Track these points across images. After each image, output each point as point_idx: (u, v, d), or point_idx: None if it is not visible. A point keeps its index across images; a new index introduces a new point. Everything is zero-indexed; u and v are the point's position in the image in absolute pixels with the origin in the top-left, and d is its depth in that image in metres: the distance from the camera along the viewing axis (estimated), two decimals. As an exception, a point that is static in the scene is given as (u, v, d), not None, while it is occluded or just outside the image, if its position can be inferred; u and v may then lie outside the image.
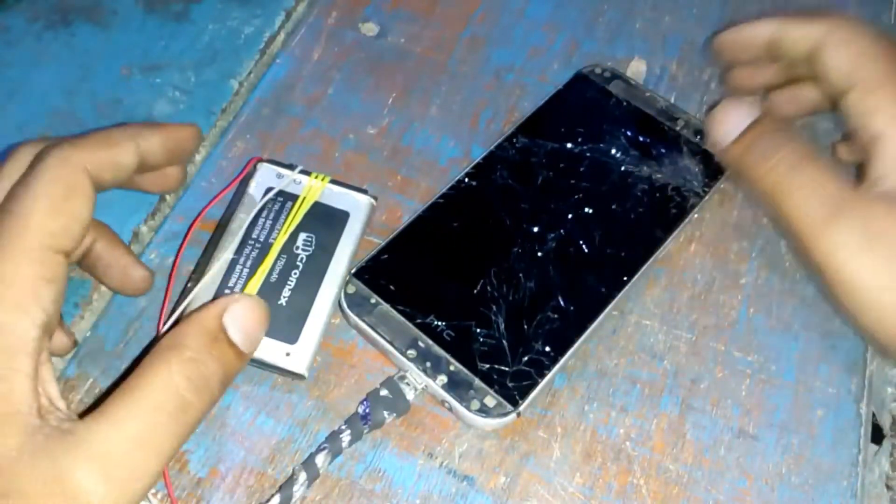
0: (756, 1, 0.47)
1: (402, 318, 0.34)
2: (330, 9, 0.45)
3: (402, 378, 0.32)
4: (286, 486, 0.30)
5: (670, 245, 0.37)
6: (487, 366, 0.32)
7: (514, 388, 0.32)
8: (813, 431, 0.33)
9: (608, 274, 0.35)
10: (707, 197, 0.38)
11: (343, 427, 0.32)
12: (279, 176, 0.36)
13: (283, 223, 0.35)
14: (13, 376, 0.25)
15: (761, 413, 0.34)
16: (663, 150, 0.39)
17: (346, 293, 0.34)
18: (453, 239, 0.36)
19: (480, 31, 0.45)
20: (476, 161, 0.38)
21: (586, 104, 0.41)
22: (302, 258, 0.34)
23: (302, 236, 0.35)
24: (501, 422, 0.31)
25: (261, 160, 0.36)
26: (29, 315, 0.26)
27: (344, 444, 0.31)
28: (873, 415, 0.35)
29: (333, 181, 0.36)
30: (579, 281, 0.35)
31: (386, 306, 0.34)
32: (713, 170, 0.38)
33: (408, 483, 0.32)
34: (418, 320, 0.34)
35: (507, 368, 0.32)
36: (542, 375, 0.32)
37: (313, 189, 0.36)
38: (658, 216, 0.37)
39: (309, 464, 0.31)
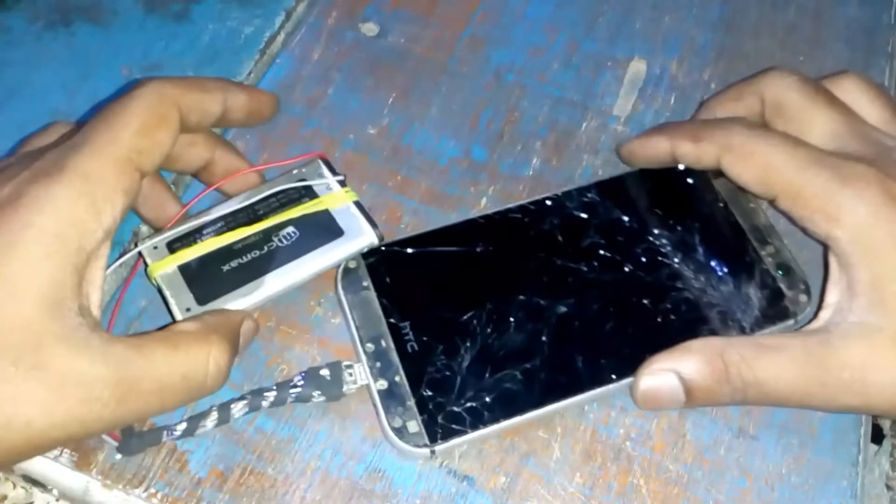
0: (756, 1, 0.47)
1: (379, 312, 0.34)
2: (330, 9, 0.45)
3: (349, 367, 0.32)
4: (195, 418, 0.31)
5: None
6: (430, 393, 0.32)
7: (441, 427, 0.31)
8: (813, 431, 0.33)
9: (598, 366, 0.33)
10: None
11: (272, 387, 0.32)
12: (320, 175, 0.36)
13: (285, 210, 0.35)
14: (68, 271, 0.27)
15: (761, 413, 0.34)
16: (733, 269, 0.35)
17: (346, 266, 0.34)
18: (469, 261, 0.35)
19: (480, 31, 0.45)
20: (537, 198, 0.37)
21: (681, 188, 0.37)
22: (273, 245, 0.34)
23: (289, 229, 0.35)
24: (412, 451, 0.31)
25: (322, 157, 0.37)
26: (100, 215, 0.28)
27: (265, 404, 0.32)
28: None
29: (358, 203, 0.36)
30: (565, 359, 0.33)
31: (372, 294, 0.34)
32: (773, 314, 0.34)
33: (408, 483, 0.32)
34: (392, 320, 0.33)
35: (445, 404, 0.31)
36: (475, 428, 0.31)
37: (334, 199, 0.36)
38: (684, 333, 0.32)
39: (224, 407, 0.31)
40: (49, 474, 0.31)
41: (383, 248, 0.35)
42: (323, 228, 0.35)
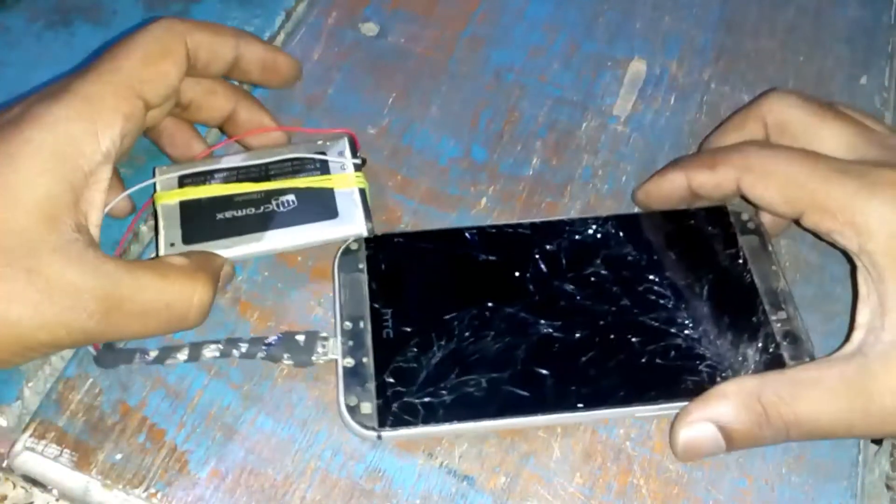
0: (756, 1, 0.47)
1: (365, 293, 0.34)
2: (330, 9, 0.45)
3: (324, 339, 0.33)
4: (168, 349, 0.32)
5: (650, 413, 0.33)
6: (392, 380, 0.32)
7: (394, 414, 0.31)
8: (813, 431, 0.33)
9: (567, 391, 0.32)
10: None
11: (245, 339, 0.33)
12: (341, 153, 0.37)
13: (293, 178, 0.36)
14: (64, 188, 0.28)
15: (761, 413, 0.34)
16: (736, 327, 0.34)
17: (347, 247, 0.35)
18: (467, 266, 0.35)
19: (480, 31, 0.45)
20: (554, 219, 0.37)
21: (702, 236, 0.36)
22: (269, 208, 0.35)
23: (290, 196, 0.36)
24: (360, 431, 0.31)
25: (351, 135, 0.38)
26: (97, 137, 0.29)
27: (235, 353, 0.32)
28: (873, 415, 0.35)
29: (362, 192, 0.36)
30: (535, 378, 0.32)
31: (364, 276, 0.34)
32: None
33: (408, 483, 0.32)
34: (376, 305, 0.34)
35: (404, 394, 0.32)
36: (426, 423, 0.31)
37: (343, 180, 0.36)
38: (665, 380, 0.32)
39: (196, 346, 0.32)
40: (49, 474, 0.31)
41: (386, 236, 0.36)
42: (320, 205, 0.35)
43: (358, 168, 0.37)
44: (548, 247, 0.36)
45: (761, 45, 0.45)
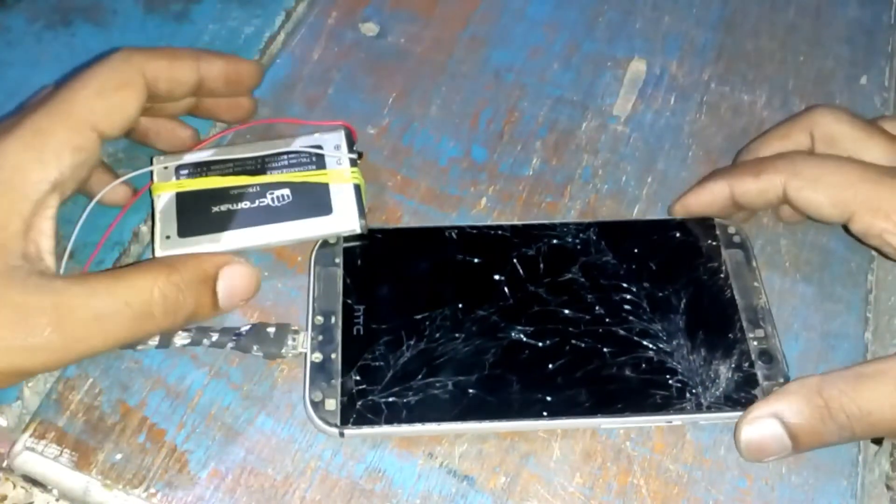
0: (756, 1, 0.47)
1: (339, 289, 0.34)
2: (330, 9, 0.45)
3: (295, 332, 0.33)
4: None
5: (615, 425, 0.32)
6: (359, 377, 0.32)
7: (356, 413, 0.31)
8: (813, 431, 0.33)
9: (532, 399, 0.32)
10: (706, 417, 0.32)
11: (216, 329, 0.33)
12: (337, 147, 0.37)
13: (289, 172, 0.36)
14: (10, 216, 0.28)
15: (761, 413, 0.34)
16: (711, 343, 0.33)
17: (325, 241, 0.35)
18: (443, 266, 0.35)
19: (480, 31, 0.45)
20: (532, 222, 0.37)
21: (685, 247, 0.36)
22: (264, 202, 0.35)
23: (285, 191, 0.36)
24: (323, 427, 0.31)
25: (348, 127, 0.38)
26: (45, 168, 0.29)
27: (206, 341, 0.33)
28: (873, 415, 0.35)
29: (357, 188, 0.36)
30: (503, 383, 0.32)
31: (339, 271, 0.35)
32: (739, 399, 0.32)
33: (408, 483, 0.32)
34: (349, 301, 0.34)
35: (369, 393, 0.32)
36: (389, 423, 0.31)
37: (338, 175, 0.36)
38: (634, 392, 0.32)
39: (166, 336, 0.32)
40: (49, 474, 0.31)
41: (365, 233, 0.35)
42: (315, 201, 0.35)
43: (354, 163, 0.37)
44: (527, 251, 0.36)
45: (761, 45, 0.45)
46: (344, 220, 0.35)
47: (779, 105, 0.42)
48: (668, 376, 0.33)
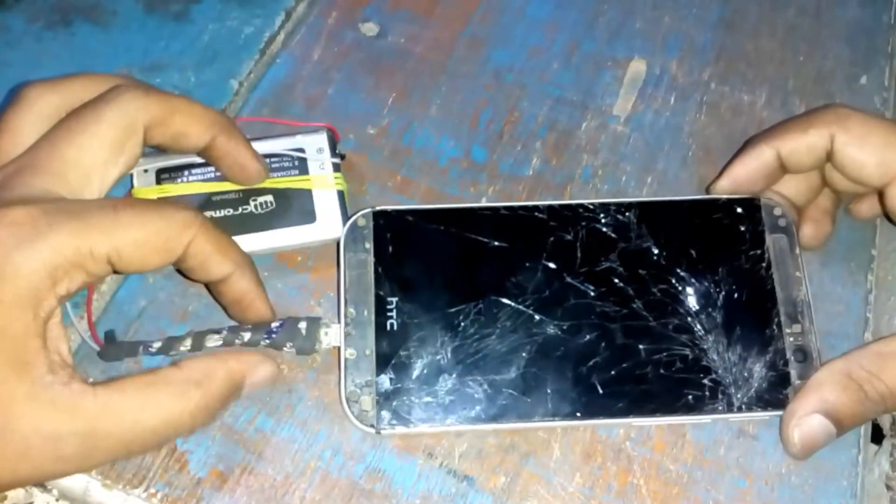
0: (756, 1, 0.47)
1: (371, 279, 0.33)
2: (330, 9, 0.45)
3: (326, 326, 0.32)
4: (171, 340, 0.31)
5: (647, 423, 0.32)
6: (393, 376, 0.31)
7: (393, 412, 0.31)
8: (813, 431, 0.33)
9: (568, 398, 0.32)
10: (736, 417, 0.32)
11: (247, 328, 0.32)
12: (320, 150, 0.36)
13: (272, 178, 0.35)
14: (31, 335, 0.26)
15: (761, 413, 0.34)
16: (747, 339, 0.33)
17: (355, 223, 0.34)
18: (479, 253, 0.34)
19: (480, 31, 0.45)
20: (571, 202, 0.35)
21: (729, 230, 0.35)
22: (247, 210, 0.35)
23: (268, 197, 0.35)
24: (359, 425, 0.31)
25: (331, 129, 0.37)
26: (56, 286, 0.27)
27: (238, 341, 0.32)
28: (873, 415, 0.35)
29: (341, 194, 0.36)
30: (539, 382, 0.32)
31: (371, 259, 0.33)
32: (769, 401, 0.32)
33: (408, 483, 0.32)
34: (381, 292, 0.33)
35: (404, 392, 0.31)
36: (426, 422, 0.31)
37: (322, 181, 0.36)
38: (668, 391, 0.32)
39: (199, 336, 0.31)
40: (49, 474, 0.31)
41: (396, 212, 0.34)
42: (299, 208, 0.35)
43: (337, 167, 0.36)
44: (566, 236, 0.34)
45: (761, 45, 0.45)
46: (327, 228, 0.35)
47: (779, 105, 0.42)
48: (702, 375, 0.32)
